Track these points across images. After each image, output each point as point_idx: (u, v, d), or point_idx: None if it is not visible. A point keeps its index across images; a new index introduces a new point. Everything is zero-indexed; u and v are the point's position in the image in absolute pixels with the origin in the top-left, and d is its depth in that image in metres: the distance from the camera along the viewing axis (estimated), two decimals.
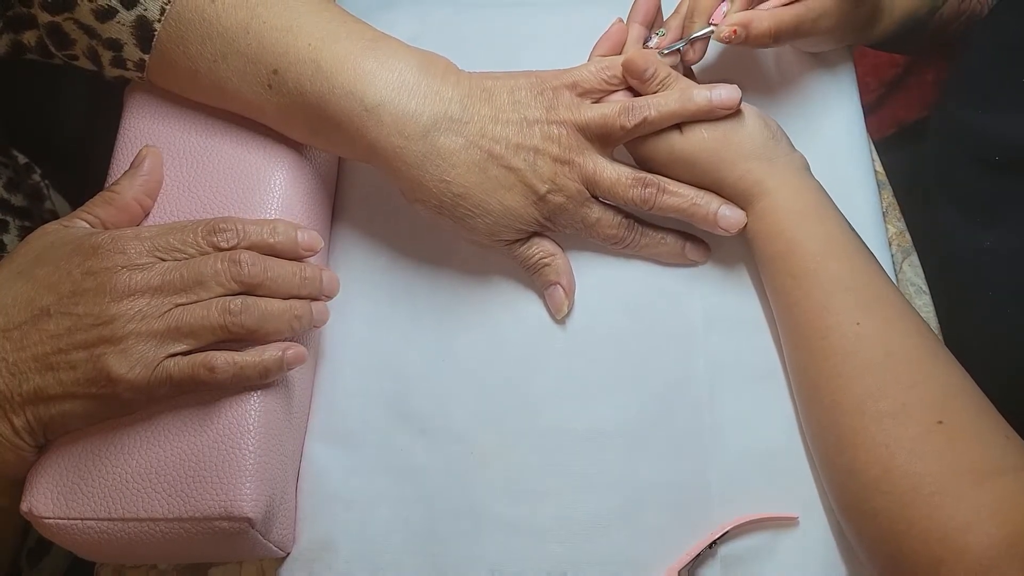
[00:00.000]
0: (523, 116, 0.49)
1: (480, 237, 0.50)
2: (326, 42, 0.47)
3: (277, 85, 0.47)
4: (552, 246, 0.52)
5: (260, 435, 0.44)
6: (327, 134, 0.48)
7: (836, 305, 0.46)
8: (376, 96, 0.47)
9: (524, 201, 0.49)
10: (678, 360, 0.52)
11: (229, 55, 0.47)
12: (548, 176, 0.49)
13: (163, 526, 0.43)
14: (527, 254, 0.52)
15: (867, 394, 0.44)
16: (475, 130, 0.48)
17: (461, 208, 0.48)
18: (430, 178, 0.48)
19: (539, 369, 0.52)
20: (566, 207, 0.50)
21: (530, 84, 0.50)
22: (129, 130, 0.51)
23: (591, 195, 0.51)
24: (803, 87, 0.59)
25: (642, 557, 0.48)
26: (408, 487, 0.50)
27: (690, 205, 0.50)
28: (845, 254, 0.48)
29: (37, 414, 0.42)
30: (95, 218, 0.46)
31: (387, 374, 0.53)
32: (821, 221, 0.49)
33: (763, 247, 0.50)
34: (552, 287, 0.52)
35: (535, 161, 0.49)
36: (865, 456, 0.43)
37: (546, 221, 0.51)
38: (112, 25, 0.47)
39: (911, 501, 0.41)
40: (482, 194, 0.48)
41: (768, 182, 0.49)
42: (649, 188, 0.50)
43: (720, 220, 0.50)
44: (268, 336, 0.44)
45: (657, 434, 0.51)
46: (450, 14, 0.62)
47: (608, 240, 0.52)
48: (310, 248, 0.46)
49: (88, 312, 0.41)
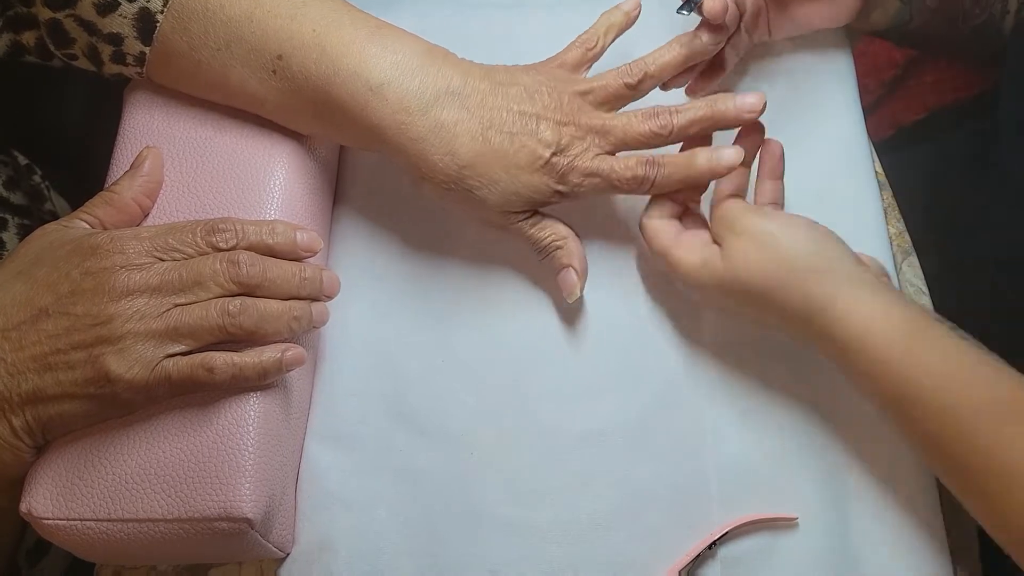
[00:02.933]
0: (523, 87, 0.49)
1: (491, 213, 0.50)
2: (330, 28, 0.48)
3: (281, 70, 0.48)
4: (564, 229, 0.51)
5: (259, 435, 0.44)
6: (331, 118, 0.49)
7: (1008, 440, 0.39)
8: (380, 76, 0.47)
9: (531, 166, 0.48)
10: (678, 360, 0.52)
11: (233, 43, 0.48)
12: (552, 139, 0.48)
13: (162, 527, 0.43)
14: (539, 236, 0.51)
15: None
16: (476, 102, 0.48)
17: (467, 180, 0.48)
18: (434, 151, 0.47)
19: (539, 369, 0.52)
20: (575, 166, 0.49)
21: (527, 66, 0.52)
22: (129, 130, 0.51)
23: (601, 151, 0.50)
24: (804, 89, 0.59)
25: (642, 558, 0.48)
26: (407, 487, 0.50)
27: (708, 109, 0.49)
28: (975, 377, 0.41)
29: (36, 414, 0.42)
30: (94, 218, 0.46)
31: (386, 374, 0.53)
32: (927, 340, 0.42)
33: (875, 395, 0.43)
34: (564, 270, 0.51)
35: (538, 126, 0.48)
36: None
37: (558, 185, 0.49)
38: (113, 19, 0.47)
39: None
40: (487, 163, 0.48)
41: (838, 305, 0.43)
42: (662, 114, 0.49)
43: (742, 105, 0.49)
44: (267, 337, 0.44)
45: (657, 434, 0.51)
46: (450, 14, 0.62)
47: (630, 185, 0.49)
48: (309, 249, 0.46)
49: (86, 312, 0.41)
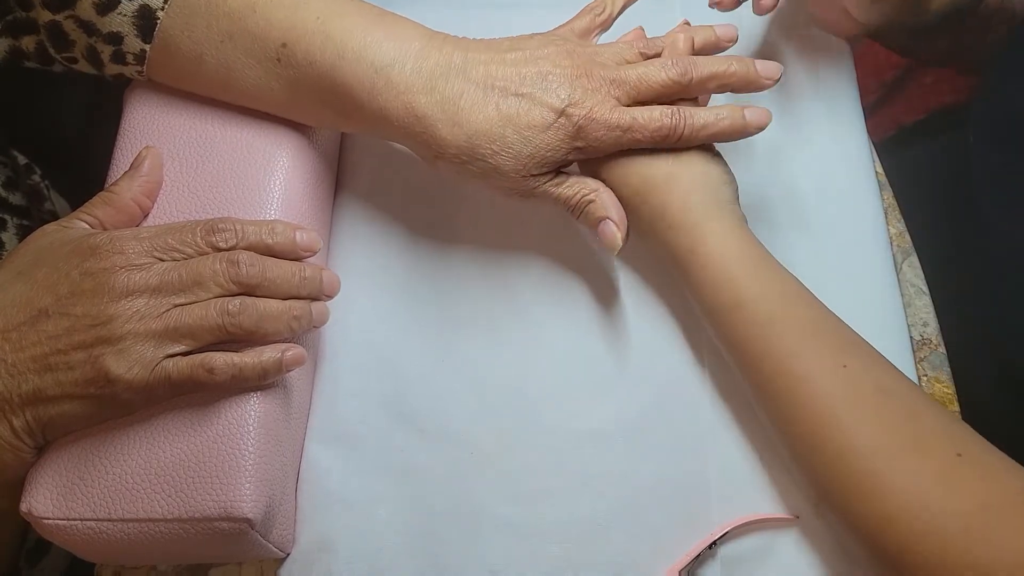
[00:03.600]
0: (528, 50, 0.49)
1: (511, 180, 0.48)
2: (334, 16, 0.48)
3: (286, 58, 0.48)
4: (593, 182, 0.49)
5: (259, 436, 0.44)
6: (338, 104, 0.49)
7: (814, 348, 0.44)
8: (385, 58, 0.47)
9: (544, 122, 0.47)
10: (678, 360, 0.52)
11: (236, 34, 0.48)
12: (565, 92, 0.47)
13: (162, 527, 0.43)
14: (567, 194, 0.49)
15: (875, 433, 0.41)
16: (479, 73, 0.48)
17: (480, 149, 0.47)
18: (443, 126, 0.47)
19: (539, 369, 0.52)
20: (593, 117, 0.47)
21: (534, 34, 0.51)
22: (129, 130, 0.51)
23: (618, 103, 0.48)
24: (804, 89, 0.59)
25: (642, 558, 0.48)
26: (407, 487, 0.50)
27: (731, 65, 0.48)
28: (806, 301, 0.46)
29: (36, 415, 0.42)
30: (94, 219, 0.46)
31: (387, 374, 0.53)
32: (775, 269, 0.47)
33: (713, 297, 0.47)
34: (603, 223, 0.48)
35: (546, 81, 0.47)
36: (897, 499, 0.40)
37: (576, 141, 0.48)
38: (113, 18, 0.47)
39: (966, 542, 0.37)
40: (497, 129, 0.47)
41: (712, 224, 0.47)
42: (682, 62, 0.48)
43: (761, 69, 0.49)
44: (267, 337, 0.43)
45: (657, 434, 0.51)
46: (450, 14, 0.62)
47: (656, 136, 0.48)
48: (309, 248, 0.46)
49: (86, 312, 0.41)
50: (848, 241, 0.55)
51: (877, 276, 0.54)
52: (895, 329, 0.53)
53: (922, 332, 0.55)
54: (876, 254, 0.55)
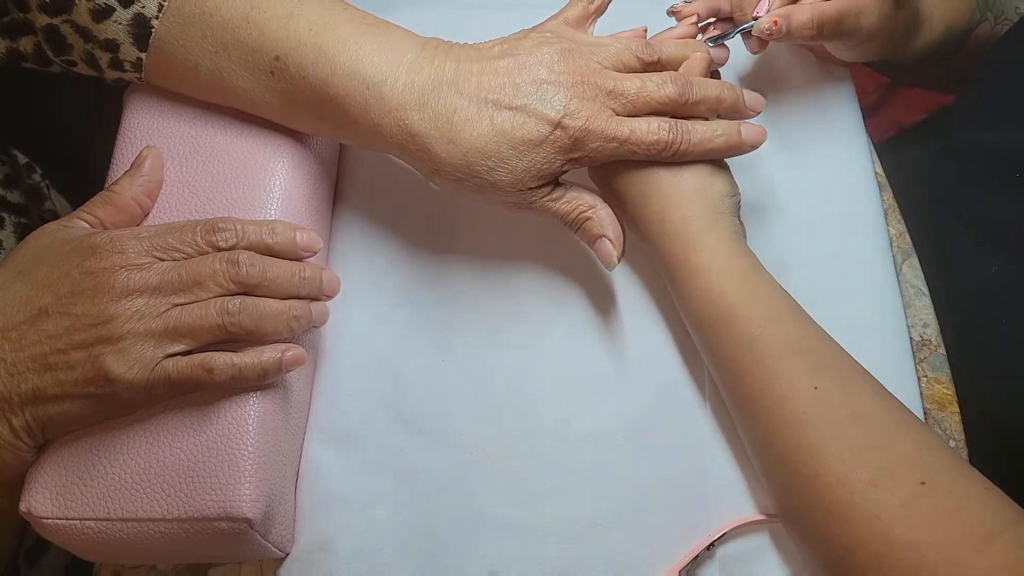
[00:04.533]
0: (521, 57, 0.48)
1: (508, 195, 0.48)
2: (327, 27, 0.47)
3: (279, 71, 0.47)
4: (591, 197, 0.49)
5: (259, 435, 0.44)
6: (331, 118, 0.48)
7: (788, 370, 0.44)
8: (377, 74, 0.47)
9: (539, 136, 0.46)
10: (678, 361, 0.52)
11: (230, 45, 0.47)
12: (561, 102, 0.46)
13: (162, 526, 0.43)
14: (565, 210, 0.49)
15: (842, 461, 0.41)
16: (472, 86, 0.47)
17: (476, 166, 0.47)
18: (437, 143, 0.47)
19: (539, 369, 0.52)
20: (590, 128, 0.46)
21: (528, 30, 0.51)
22: (129, 130, 0.51)
23: (614, 114, 0.48)
24: (804, 90, 0.59)
25: (641, 558, 0.48)
26: (407, 487, 0.50)
27: (725, 91, 0.49)
28: (789, 318, 0.46)
29: (36, 414, 0.42)
30: (94, 218, 0.46)
31: (387, 374, 0.53)
32: (764, 284, 0.47)
33: (699, 310, 0.47)
34: (599, 240, 0.49)
35: (542, 92, 0.47)
36: (859, 531, 0.40)
37: (572, 153, 0.47)
38: (108, 25, 0.47)
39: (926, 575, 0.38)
40: (492, 145, 0.46)
41: (708, 235, 0.47)
42: (679, 80, 0.48)
43: (748, 101, 0.50)
44: (266, 337, 0.43)
45: (657, 435, 0.51)
46: (450, 14, 0.62)
47: (652, 149, 0.47)
48: (309, 248, 0.46)
49: (86, 312, 0.41)
50: (848, 242, 0.55)
51: (877, 277, 0.54)
52: (895, 330, 0.53)
53: (922, 333, 0.55)
54: (876, 255, 0.55)
